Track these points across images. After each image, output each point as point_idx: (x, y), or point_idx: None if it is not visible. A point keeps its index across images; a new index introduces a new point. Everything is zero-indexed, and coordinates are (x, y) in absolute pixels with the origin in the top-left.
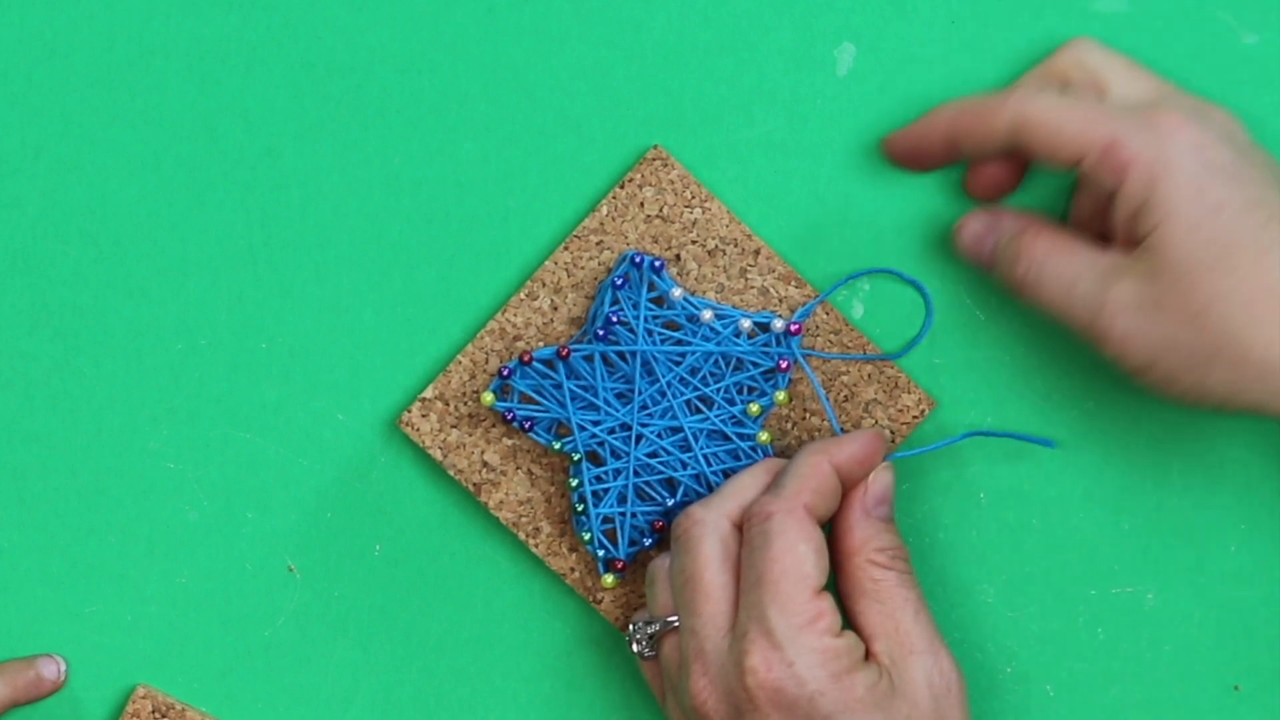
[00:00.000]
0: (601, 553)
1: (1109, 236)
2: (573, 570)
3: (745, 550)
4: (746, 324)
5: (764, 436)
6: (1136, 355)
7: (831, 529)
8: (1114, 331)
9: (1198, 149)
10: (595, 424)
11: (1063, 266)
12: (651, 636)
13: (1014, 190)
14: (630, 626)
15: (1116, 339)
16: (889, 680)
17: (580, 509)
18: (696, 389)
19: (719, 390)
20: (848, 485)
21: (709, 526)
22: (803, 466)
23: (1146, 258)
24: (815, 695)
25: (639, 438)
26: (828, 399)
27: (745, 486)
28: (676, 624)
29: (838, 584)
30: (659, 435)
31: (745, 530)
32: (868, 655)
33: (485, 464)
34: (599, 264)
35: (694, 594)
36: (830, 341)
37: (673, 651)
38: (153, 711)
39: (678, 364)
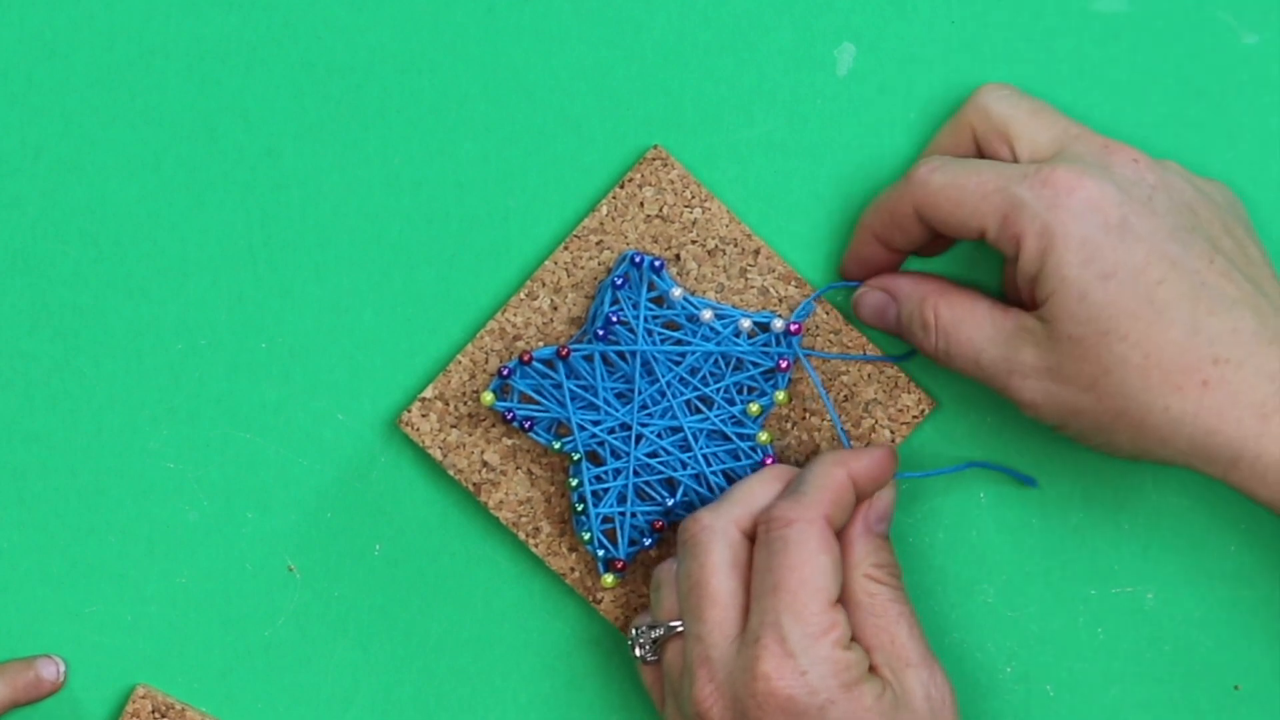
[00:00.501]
0: (601, 552)
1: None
2: (573, 570)
3: (761, 555)
4: (746, 324)
5: (764, 436)
6: (1048, 418)
7: None
8: (1023, 395)
9: (1091, 210)
10: (595, 424)
11: (968, 333)
12: (655, 641)
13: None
14: (632, 630)
15: (1027, 403)
16: (893, 693)
17: (580, 509)
18: (696, 389)
19: (719, 390)
20: (858, 499)
21: (718, 532)
22: (824, 477)
23: (1046, 324)
24: (826, 705)
25: (639, 437)
26: (829, 398)
27: (754, 493)
28: (680, 629)
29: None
30: (659, 435)
31: (761, 535)
32: (870, 668)
33: (485, 464)
34: (599, 264)
35: (701, 599)
36: (830, 341)
37: (676, 657)
38: (153, 711)
39: (678, 364)
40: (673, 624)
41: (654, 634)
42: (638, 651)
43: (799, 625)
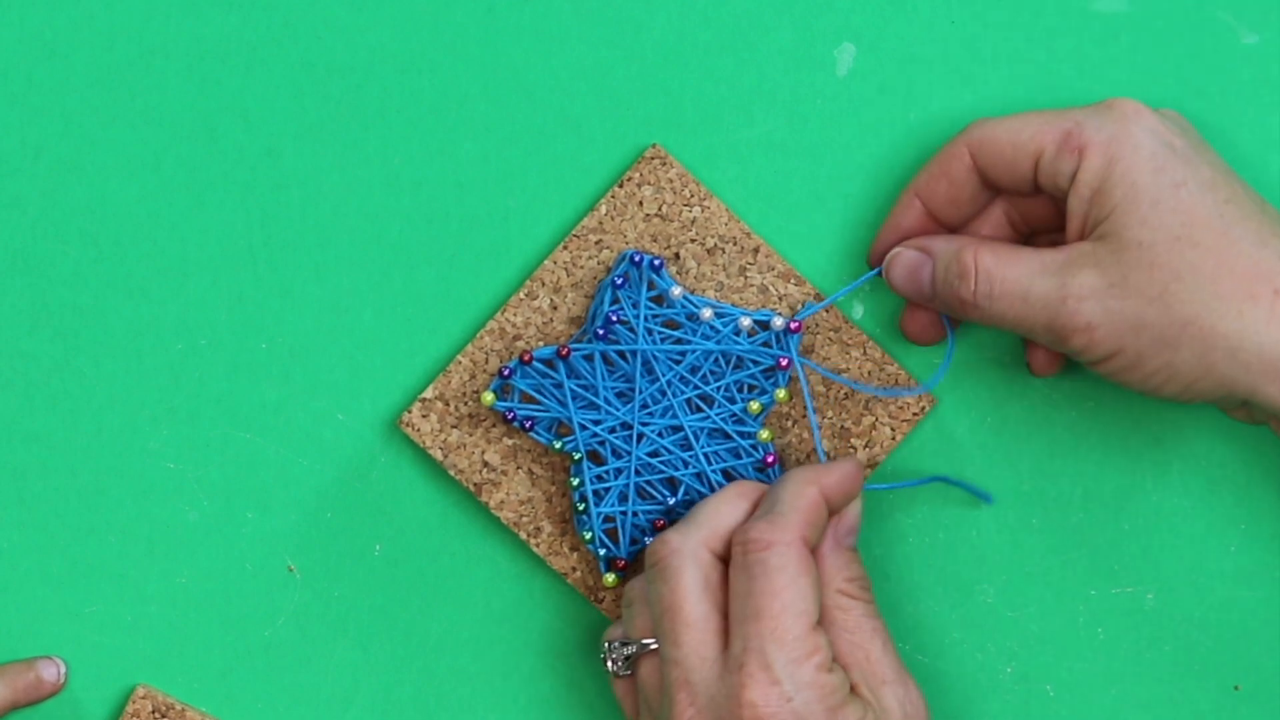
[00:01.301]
0: (603, 552)
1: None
2: (574, 570)
3: (739, 579)
4: (746, 322)
5: (765, 434)
6: (1103, 342)
7: None
8: (1078, 320)
9: (1156, 130)
10: (596, 423)
11: (1015, 271)
12: (628, 658)
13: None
14: (605, 644)
15: (1082, 327)
16: (874, 714)
17: (581, 508)
18: (697, 387)
19: (719, 388)
20: (829, 515)
21: (687, 556)
22: (797, 496)
23: (1107, 240)
24: None
25: (640, 436)
26: (813, 408)
27: (721, 513)
28: (654, 647)
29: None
30: (659, 434)
31: (738, 558)
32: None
33: (486, 464)
34: (598, 263)
35: (674, 624)
36: (830, 340)
37: (651, 675)
38: (153, 711)
39: (678, 362)
40: (646, 641)
41: (627, 651)
42: (610, 665)
43: (783, 651)
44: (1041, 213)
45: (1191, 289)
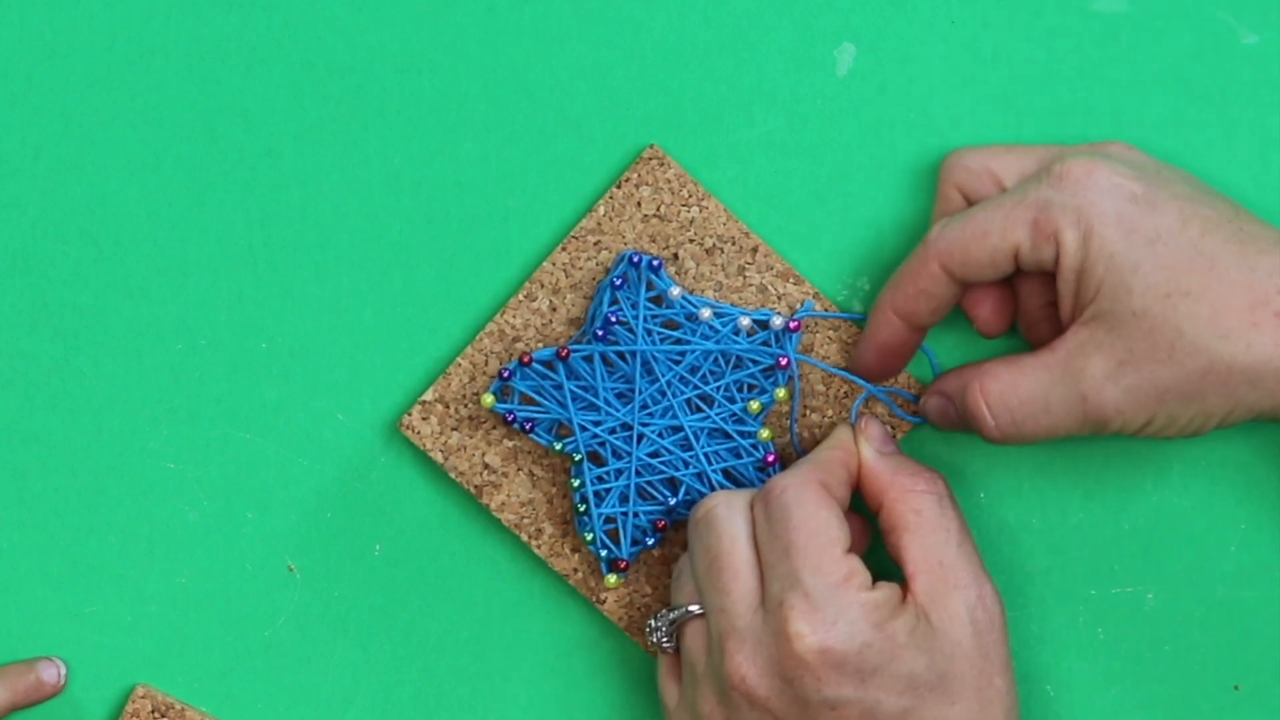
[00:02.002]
0: (604, 553)
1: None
2: (575, 571)
3: (764, 526)
4: (745, 322)
5: (765, 434)
6: (1135, 417)
7: (860, 483)
8: (1106, 410)
9: (1113, 186)
10: (596, 424)
11: (1025, 390)
12: (672, 622)
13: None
14: (650, 621)
15: (1112, 414)
16: (927, 622)
17: (582, 509)
18: (696, 387)
19: (719, 388)
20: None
21: (734, 507)
22: (817, 451)
23: (1102, 319)
24: (863, 648)
25: (640, 437)
26: (798, 407)
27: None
28: (698, 611)
29: (880, 524)
30: (660, 434)
31: (760, 510)
32: (905, 596)
33: (486, 466)
34: (597, 264)
35: (720, 572)
36: (829, 337)
37: (696, 639)
38: (153, 711)
39: (677, 363)
40: (690, 607)
41: (672, 615)
42: (655, 638)
43: (819, 577)
44: (1027, 284)
45: (1195, 339)
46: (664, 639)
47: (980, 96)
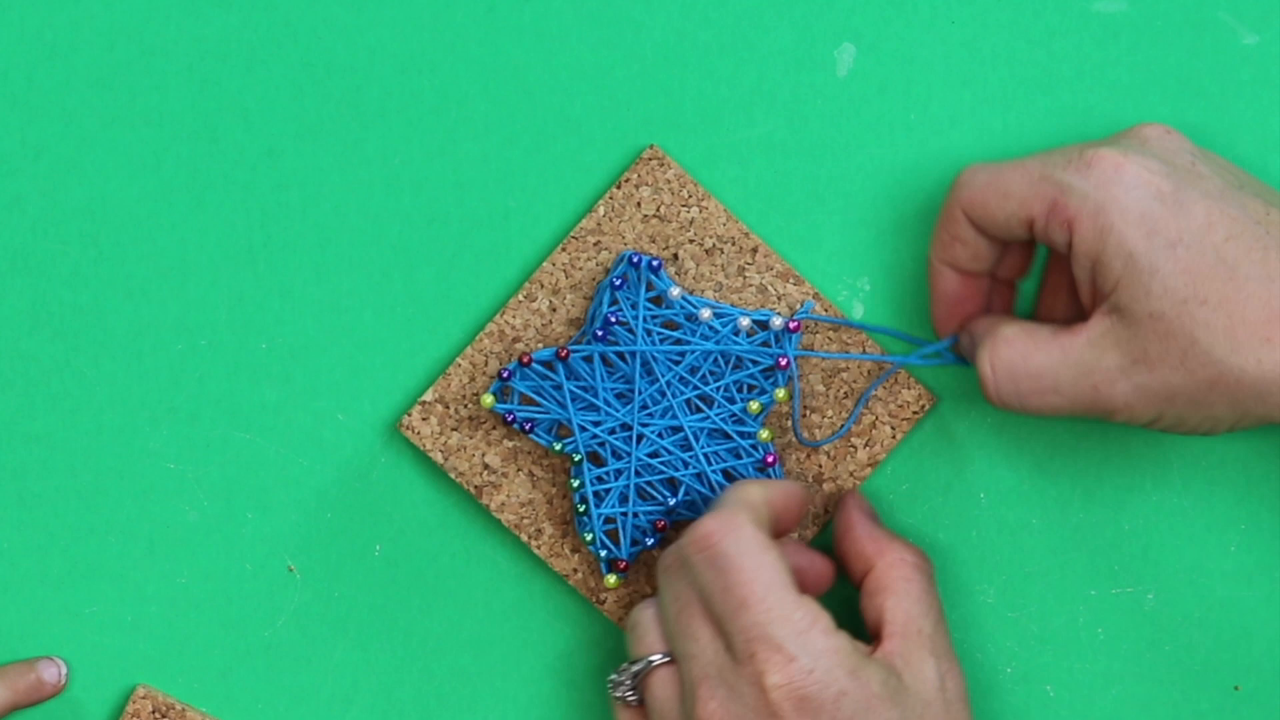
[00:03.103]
0: (604, 553)
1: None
2: (575, 571)
3: (707, 576)
4: (745, 322)
5: (765, 434)
6: (1143, 414)
7: (846, 546)
8: (1115, 402)
9: (1141, 183)
10: (596, 424)
11: (1036, 370)
12: (636, 675)
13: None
14: (612, 676)
15: (1120, 408)
16: (898, 679)
17: (582, 509)
18: (696, 388)
19: (719, 389)
20: (780, 525)
21: None
22: (738, 492)
23: (1119, 315)
24: (839, 696)
25: (640, 437)
26: (799, 404)
27: None
28: (663, 661)
29: (864, 585)
30: (659, 435)
31: (698, 559)
32: (872, 652)
33: (486, 466)
34: (597, 264)
35: (692, 619)
36: (829, 338)
37: (664, 687)
38: (153, 711)
39: (677, 363)
40: (653, 657)
41: (635, 668)
42: (618, 692)
43: (786, 627)
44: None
45: (1208, 349)
46: (628, 692)
47: (980, 96)
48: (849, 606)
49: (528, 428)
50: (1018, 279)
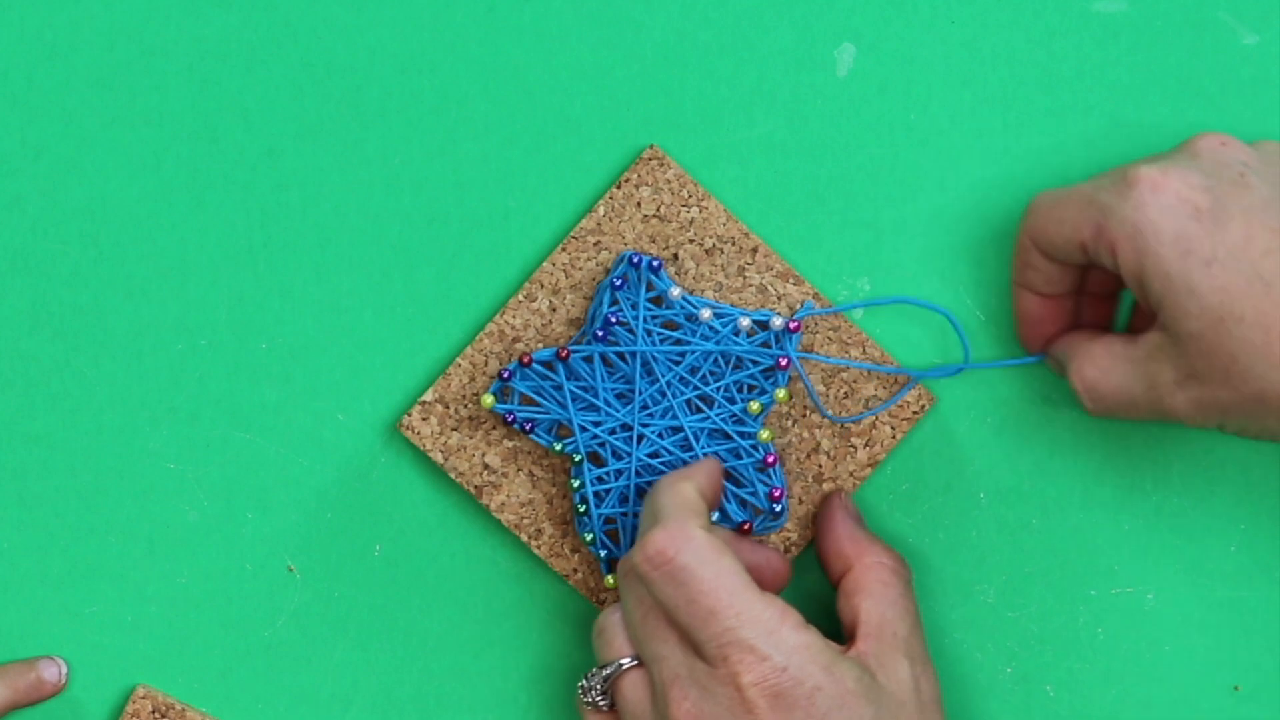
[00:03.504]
0: (604, 553)
1: None
2: (575, 571)
3: (668, 592)
4: (745, 322)
5: (765, 434)
6: (1205, 422)
7: (826, 546)
8: (1178, 413)
9: (1179, 201)
10: (596, 424)
11: (1115, 379)
12: (606, 679)
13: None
14: (582, 682)
15: (1183, 416)
16: (871, 677)
17: (582, 510)
18: (696, 388)
19: (719, 389)
20: (708, 503)
21: None
22: (672, 497)
23: (1167, 331)
24: (814, 692)
25: (640, 438)
26: (815, 394)
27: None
28: (631, 665)
29: (841, 585)
30: (660, 435)
31: (654, 576)
32: (846, 650)
33: (486, 466)
34: (597, 265)
35: (659, 620)
36: (829, 338)
37: (635, 689)
38: (153, 711)
39: (677, 363)
40: (623, 661)
41: (605, 672)
42: (589, 698)
43: (756, 628)
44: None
45: (1248, 366)
46: (599, 697)
47: (980, 96)
48: (824, 606)
49: (528, 428)
50: (1114, 292)
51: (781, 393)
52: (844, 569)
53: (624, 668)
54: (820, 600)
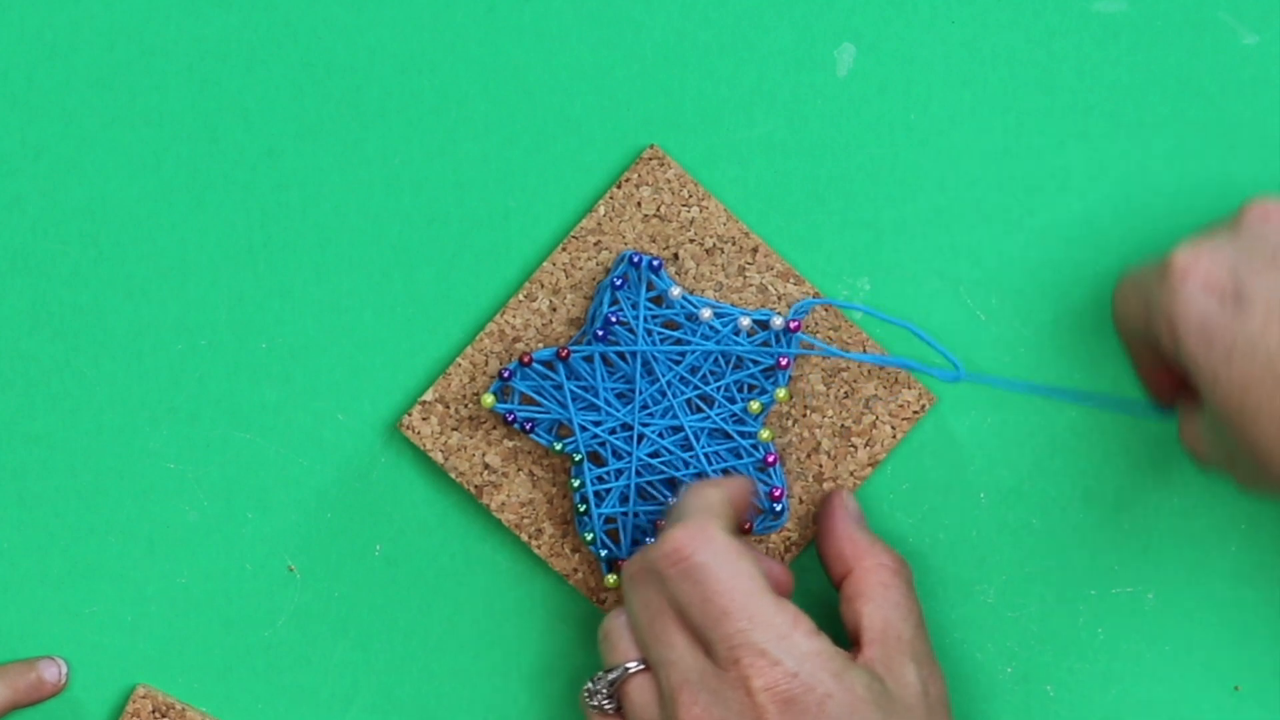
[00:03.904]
0: (604, 553)
1: None
2: (575, 571)
3: (684, 590)
4: (746, 322)
5: (765, 434)
6: (1265, 491)
7: (826, 547)
8: (1236, 475)
9: (1205, 288)
10: (596, 424)
11: (1207, 449)
12: (613, 683)
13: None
14: (588, 685)
15: (1240, 480)
16: (881, 684)
17: (582, 509)
18: (697, 388)
19: (719, 389)
20: (737, 513)
21: None
22: (698, 498)
23: (1206, 411)
24: (824, 699)
25: (640, 437)
26: (839, 351)
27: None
28: (638, 668)
29: (843, 589)
30: (660, 435)
31: (672, 574)
32: (854, 657)
33: (487, 466)
34: (597, 264)
35: (667, 625)
36: (830, 338)
37: (642, 693)
38: (153, 711)
39: (677, 363)
40: (628, 665)
41: (611, 675)
42: (595, 701)
43: (768, 632)
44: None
45: (1269, 457)
46: (605, 701)
47: (980, 96)
48: (829, 609)
49: (528, 427)
50: None
51: (782, 392)
52: (844, 572)
53: (630, 671)
54: (823, 602)
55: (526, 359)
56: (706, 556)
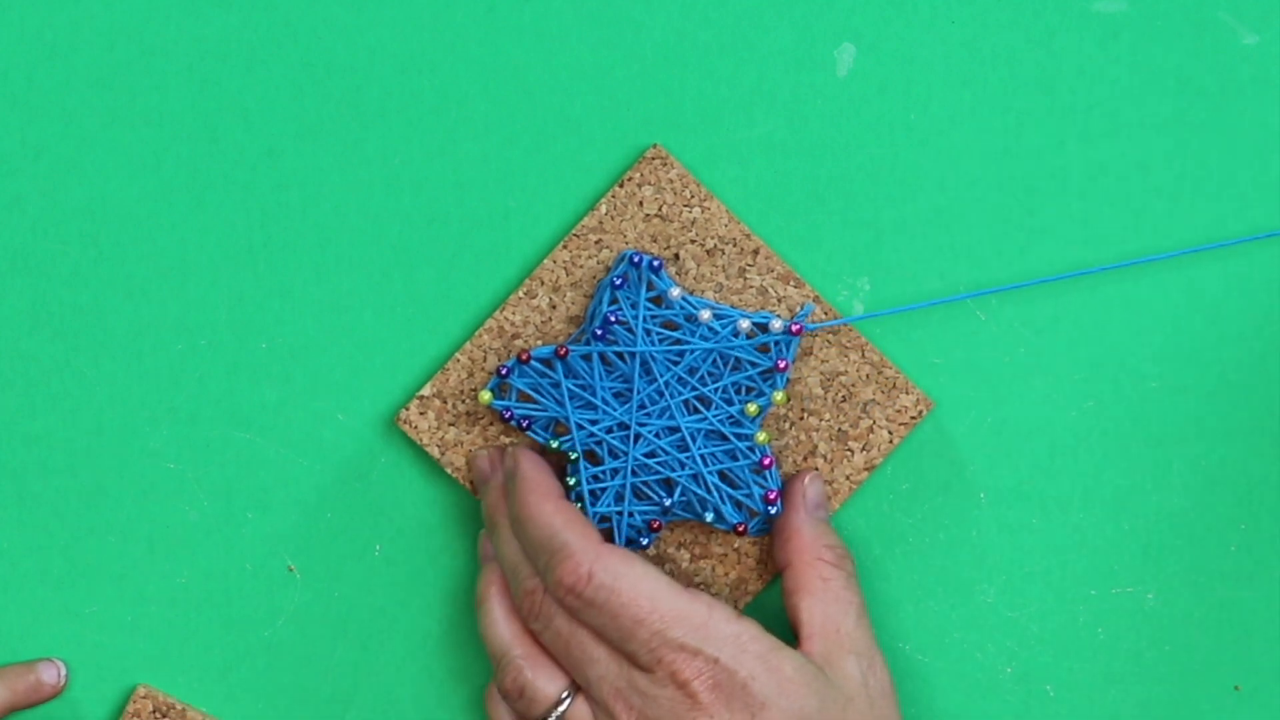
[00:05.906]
0: None
1: None
2: None
3: (591, 615)
4: (745, 324)
5: (762, 436)
6: None
7: (774, 534)
8: None
9: None
10: (593, 423)
11: None
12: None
13: None
14: None
15: None
16: (814, 667)
17: (578, 508)
18: (694, 389)
19: (717, 390)
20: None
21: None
22: (551, 519)
23: None
24: (748, 681)
25: (637, 437)
26: (865, 315)
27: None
28: (569, 697)
29: (783, 583)
30: (657, 435)
31: (572, 604)
32: (799, 649)
33: None
34: (597, 263)
35: (584, 643)
36: (828, 342)
37: (582, 716)
38: (153, 711)
39: (676, 363)
40: (562, 695)
41: (555, 715)
42: None
43: (683, 625)
44: None
45: None
46: None
47: (980, 96)
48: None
49: (525, 425)
50: None
51: (779, 395)
52: (785, 562)
53: (565, 703)
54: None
55: (525, 356)
56: (607, 578)
